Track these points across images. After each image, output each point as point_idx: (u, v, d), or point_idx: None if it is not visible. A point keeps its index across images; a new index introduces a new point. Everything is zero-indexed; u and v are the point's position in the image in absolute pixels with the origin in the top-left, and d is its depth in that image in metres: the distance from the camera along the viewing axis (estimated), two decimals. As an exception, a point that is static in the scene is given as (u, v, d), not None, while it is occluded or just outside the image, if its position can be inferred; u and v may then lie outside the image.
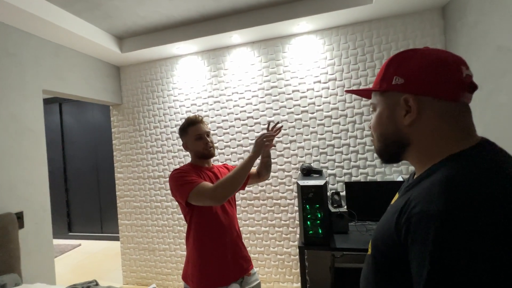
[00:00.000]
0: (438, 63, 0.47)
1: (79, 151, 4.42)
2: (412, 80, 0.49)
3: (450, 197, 0.38)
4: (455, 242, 0.35)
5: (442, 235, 0.36)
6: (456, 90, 0.47)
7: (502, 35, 1.41)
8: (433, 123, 0.48)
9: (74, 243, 4.11)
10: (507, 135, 1.40)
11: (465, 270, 0.34)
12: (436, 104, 0.48)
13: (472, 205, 0.36)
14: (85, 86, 2.34)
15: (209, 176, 1.28)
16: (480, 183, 0.39)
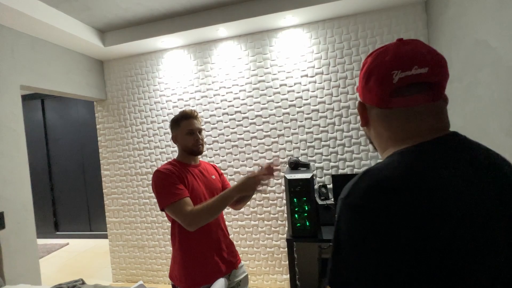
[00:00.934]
0: (369, 72, 0.50)
1: (64, 149, 4.30)
2: (358, 88, 0.55)
3: (352, 188, 0.44)
4: (343, 224, 0.43)
5: (339, 218, 0.44)
6: (382, 97, 0.48)
7: (479, 29, 1.44)
8: (375, 127, 0.53)
9: (62, 242, 4.03)
10: (485, 125, 1.45)
11: (347, 240, 0.42)
12: (375, 110, 0.52)
13: (363, 197, 0.42)
14: (66, 81, 2.26)
15: (193, 174, 1.25)
16: (379, 177, 0.43)
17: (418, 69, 0.46)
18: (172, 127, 1.30)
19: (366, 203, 0.41)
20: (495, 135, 1.38)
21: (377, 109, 0.51)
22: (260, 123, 2.32)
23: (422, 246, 0.37)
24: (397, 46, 0.49)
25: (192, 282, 1.18)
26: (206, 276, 1.20)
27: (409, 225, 0.38)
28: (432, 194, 0.39)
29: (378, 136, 0.53)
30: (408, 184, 0.41)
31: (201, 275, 1.19)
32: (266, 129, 2.31)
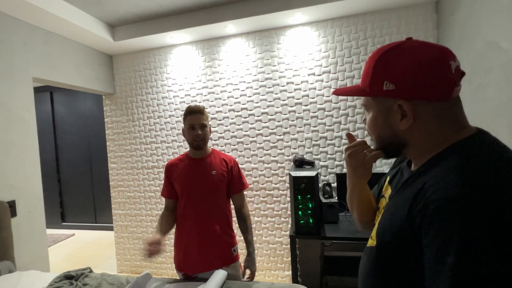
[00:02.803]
0: (426, 64, 0.46)
1: (72, 141, 4.37)
2: (403, 86, 0.48)
3: (470, 182, 0.38)
4: (483, 228, 0.34)
5: (468, 220, 0.35)
6: (447, 89, 0.47)
7: (490, 30, 1.43)
8: (429, 124, 0.49)
9: (68, 233, 4.11)
10: (494, 127, 1.44)
11: (496, 256, 0.33)
12: (430, 106, 0.48)
13: (493, 188, 0.37)
14: (76, 74, 2.30)
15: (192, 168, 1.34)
16: (492, 167, 0.39)
17: (457, 60, 0.48)
18: (183, 121, 1.38)
19: (503, 200, 0.35)
20: (503, 138, 1.36)
21: (436, 104, 0.47)
22: (266, 120, 2.33)
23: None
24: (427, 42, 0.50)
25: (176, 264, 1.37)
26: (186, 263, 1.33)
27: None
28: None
29: (430, 134, 0.49)
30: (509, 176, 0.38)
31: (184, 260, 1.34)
32: (272, 126, 2.32)
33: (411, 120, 0.49)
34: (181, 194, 1.34)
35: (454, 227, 0.36)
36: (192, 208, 1.31)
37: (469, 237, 0.35)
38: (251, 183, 2.38)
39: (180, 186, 1.32)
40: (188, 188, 1.31)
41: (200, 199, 1.31)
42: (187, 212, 1.32)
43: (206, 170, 1.33)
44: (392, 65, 0.49)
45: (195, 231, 1.30)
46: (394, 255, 0.47)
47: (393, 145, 0.54)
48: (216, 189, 1.33)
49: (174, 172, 1.35)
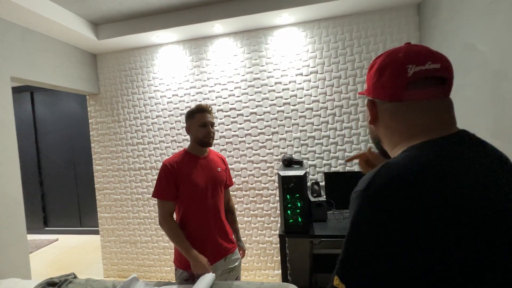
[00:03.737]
0: (381, 68, 0.51)
1: (54, 143, 4.22)
2: (368, 86, 0.55)
3: (372, 179, 0.45)
4: (364, 211, 0.44)
5: (360, 205, 0.44)
6: (397, 91, 0.49)
7: (468, 33, 1.49)
8: (386, 122, 0.53)
9: (51, 238, 3.97)
10: (472, 126, 1.50)
11: (365, 227, 0.43)
12: (386, 106, 0.52)
13: (384, 187, 0.43)
14: (58, 74, 2.22)
15: (199, 166, 1.37)
16: (400, 169, 0.44)
17: (432, 64, 0.48)
18: (187, 119, 1.39)
19: (387, 195, 0.42)
20: (481, 136, 1.44)
21: (390, 104, 0.51)
22: (255, 120, 2.34)
23: (441, 236, 0.38)
24: (409, 45, 0.51)
25: (185, 263, 1.30)
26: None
27: (428, 218, 0.39)
28: (446, 190, 0.40)
29: (389, 132, 0.53)
30: (427, 178, 0.41)
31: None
32: (260, 126, 2.33)
33: (370, 116, 0.56)
34: (192, 192, 1.31)
35: (354, 207, 0.45)
36: (206, 205, 1.35)
37: (356, 216, 0.44)
38: (241, 183, 2.38)
39: (192, 183, 1.31)
40: (201, 186, 1.33)
41: (213, 195, 1.38)
42: (200, 210, 1.34)
43: (214, 167, 1.41)
44: (370, 69, 0.55)
45: (212, 224, 1.36)
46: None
47: (374, 140, 0.60)
48: (222, 184, 1.45)
49: (180, 171, 1.31)
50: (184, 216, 1.34)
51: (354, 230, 0.44)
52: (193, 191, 1.32)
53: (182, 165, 1.33)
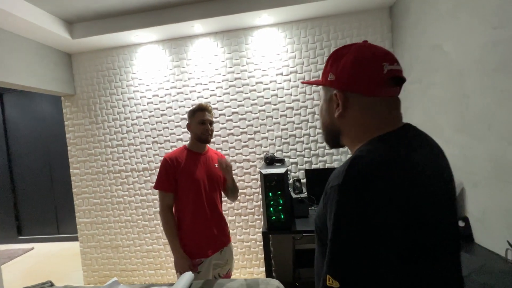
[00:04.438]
0: (359, 62, 0.53)
1: (28, 147, 4.01)
2: (339, 78, 0.55)
3: (347, 173, 0.47)
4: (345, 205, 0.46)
5: (340, 200, 0.46)
6: (374, 86, 0.52)
7: (435, 34, 1.59)
8: (357, 115, 0.55)
9: (26, 247, 3.77)
10: (439, 122, 1.61)
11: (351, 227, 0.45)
12: (359, 99, 0.54)
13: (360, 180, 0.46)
14: (29, 74, 2.12)
15: (198, 161, 1.47)
16: (372, 161, 0.47)
17: (397, 65, 0.53)
18: (188, 117, 1.52)
19: (364, 188, 0.44)
20: (446, 131, 1.54)
21: (364, 98, 0.53)
22: (237, 120, 2.35)
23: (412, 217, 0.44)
24: (370, 44, 0.56)
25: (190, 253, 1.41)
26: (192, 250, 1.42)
27: (398, 202, 0.44)
28: (414, 176, 0.47)
29: (357, 124, 0.55)
30: (394, 167, 0.46)
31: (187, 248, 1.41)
32: (242, 125, 2.34)
33: (341, 109, 0.55)
34: (190, 186, 1.42)
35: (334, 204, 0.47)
36: (203, 199, 1.44)
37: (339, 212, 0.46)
38: (224, 183, 2.38)
39: (189, 178, 1.42)
40: (199, 180, 1.43)
41: (209, 189, 1.47)
42: (197, 203, 1.43)
43: (211, 164, 1.52)
44: (337, 60, 0.56)
45: (205, 219, 1.45)
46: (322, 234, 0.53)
47: (331, 133, 0.61)
48: (219, 179, 1.54)
49: (178, 165, 1.42)
50: (183, 208, 1.44)
51: (339, 227, 0.45)
52: (191, 184, 1.42)
53: (181, 160, 1.44)
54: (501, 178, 1.19)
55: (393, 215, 0.43)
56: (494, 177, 1.23)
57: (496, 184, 1.23)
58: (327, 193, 0.49)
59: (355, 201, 0.44)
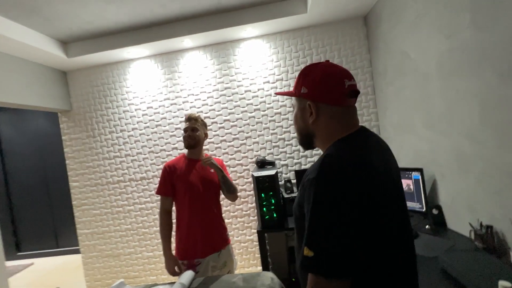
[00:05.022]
0: (327, 78, 0.67)
1: (23, 163, 4.06)
2: (312, 90, 0.68)
3: (321, 168, 0.59)
4: (319, 194, 0.58)
5: (315, 190, 0.58)
6: (339, 98, 0.67)
7: (403, 42, 1.76)
8: (326, 121, 0.69)
9: (25, 263, 3.79)
10: (412, 120, 1.77)
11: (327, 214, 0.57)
12: (327, 108, 0.68)
13: (331, 173, 0.59)
14: (27, 93, 2.22)
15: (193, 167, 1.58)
16: (339, 159, 0.60)
17: (354, 81, 0.69)
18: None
19: (332, 179, 0.57)
20: (418, 128, 1.71)
21: (333, 107, 0.67)
22: (229, 127, 2.48)
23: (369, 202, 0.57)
24: (332, 63, 0.70)
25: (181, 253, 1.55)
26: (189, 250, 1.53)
27: (361, 190, 0.56)
28: (370, 170, 0.60)
29: (326, 128, 0.69)
30: (354, 164, 0.59)
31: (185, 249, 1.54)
32: (234, 132, 2.48)
33: (314, 116, 0.69)
34: (185, 190, 1.54)
35: (311, 193, 0.58)
36: (197, 202, 1.55)
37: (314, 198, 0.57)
38: (219, 187, 2.50)
39: (185, 182, 1.54)
40: (192, 184, 1.54)
41: (204, 193, 1.57)
42: (192, 206, 1.54)
43: (207, 169, 1.62)
44: (308, 76, 0.70)
45: (201, 221, 1.55)
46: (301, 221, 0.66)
47: (306, 136, 0.74)
48: (214, 184, 1.63)
49: (175, 172, 1.56)
50: (180, 211, 1.57)
51: (315, 209, 0.57)
52: (186, 189, 1.54)
53: (178, 167, 1.58)
54: (462, 169, 1.36)
55: (354, 201, 0.56)
56: (457, 168, 1.39)
57: (459, 174, 1.39)
58: (304, 185, 0.62)
59: (326, 190, 0.57)
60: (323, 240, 0.55)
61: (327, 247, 0.55)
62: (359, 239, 0.56)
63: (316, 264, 0.55)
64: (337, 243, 0.54)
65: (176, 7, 2.01)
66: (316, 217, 0.57)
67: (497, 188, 1.16)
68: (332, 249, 0.54)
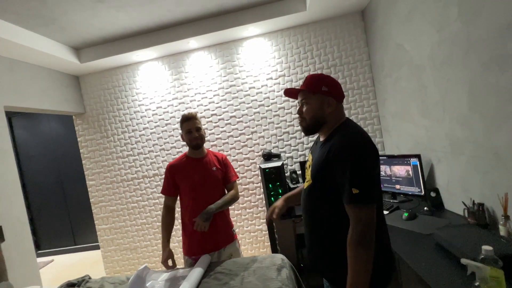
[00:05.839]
0: (339, 85, 1.01)
1: (38, 165, 4.24)
2: (332, 90, 0.98)
3: (354, 139, 0.89)
4: (361, 158, 0.85)
5: (357, 156, 0.85)
6: (342, 98, 1.01)
7: (398, 35, 1.85)
8: (336, 112, 0.99)
9: (46, 260, 3.99)
10: (409, 109, 1.87)
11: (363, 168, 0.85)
12: (337, 104, 0.99)
13: (366, 143, 0.89)
14: (44, 98, 2.36)
15: (194, 166, 1.58)
16: (359, 132, 0.92)
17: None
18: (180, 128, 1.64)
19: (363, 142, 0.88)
20: (415, 116, 1.81)
21: (338, 103, 0.99)
22: (235, 123, 2.60)
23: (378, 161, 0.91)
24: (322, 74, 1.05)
25: (189, 250, 1.58)
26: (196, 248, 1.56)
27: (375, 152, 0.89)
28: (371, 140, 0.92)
29: (335, 117, 0.98)
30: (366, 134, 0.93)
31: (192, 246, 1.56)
32: (240, 128, 2.60)
33: (333, 108, 0.98)
34: (189, 190, 1.55)
35: (347, 159, 0.86)
36: (201, 200, 1.54)
37: (357, 162, 0.85)
38: (228, 180, 2.63)
39: (188, 182, 1.55)
40: (196, 183, 1.54)
41: (207, 191, 1.56)
42: (196, 204, 1.53)
43: (208, 167, 1.60)
44: (325, 79, 1.00)
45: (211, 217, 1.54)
46: (321, 182, 0.94)
47: (318, 122, 0.99)
48: (218, 181, 1.62)
49: (178, 172, 1.57)
50: (185, 210, 1.59)
51: (358, 162, 0.84)
52: (191, 188, 1.55)
53: (181, 166, 1.58)
54: (456, 152, 1.46)
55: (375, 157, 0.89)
56: (451, 152, 1.50)
57: (452, 158, 1.49)
58: (338, 153, 0.87)
59: (362, 151, 0.86)
60: (365, 181, 0.84)
61: (367, 184, 0.84)
62: (378, 180, 0.90)
63: (362, 196, 0.82)
64: (372, 183, 0.85)
65: (182, 11, 2.13)
66: (358, 167, 0.84)
67: (486, 168, 1.26)
68: (369, 185, 0.84)
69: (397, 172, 1.87)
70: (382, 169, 1.97)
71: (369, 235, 0.82)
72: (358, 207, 0.82)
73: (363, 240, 0.81)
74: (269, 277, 1.30)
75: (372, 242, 0.82)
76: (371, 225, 0.82)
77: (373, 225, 0.83)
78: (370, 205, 0.83)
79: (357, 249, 0.81)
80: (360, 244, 0.81)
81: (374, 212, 0.84)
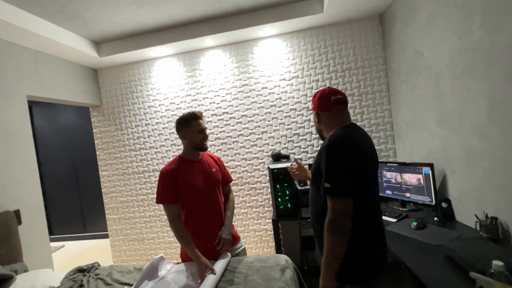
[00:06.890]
0: (321, 97, 1.13)
1: (54, 154, 4.40)
2: (315, 105, 1.15)
3: (329, 139, 1.02)
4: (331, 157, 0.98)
5: (328, 155, 0.99)
6: (327, 107, 1.11)
7: (416, 41, 1.82)
8: (324, 121, 1.14)
9: (58, 245, 4.15)
10: (424, 117, 1.83)
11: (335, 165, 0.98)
12: (323, 114, 1.13)
13: (338, 143, 0.99)
14: (65, 89, 2.45)
15: (195, 169, 1.47)
16: (341, 137, 1.01)
17: (339, 95, 1.13)
18: (181, 126, 1.46)
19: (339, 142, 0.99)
20: (430, 125, 1.77)
21: (323, 113, 1.13)
22: (246, 122, 2.62)
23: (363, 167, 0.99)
24: (330, 87, 1.15)
25: (185, 255, 1.50)
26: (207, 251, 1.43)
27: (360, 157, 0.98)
28: (362, 145, 1.01)
29: (325, 125, 1.14)
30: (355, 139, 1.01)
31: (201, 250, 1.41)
32: (251, 127, 2.61)
33: (317, 120, 1.17)
34: (193, 194, 1.42)
35: (324, 152, 1.00)
36: (207, 203, 1.46)
37: (328, 160, 0.98)
38: (236, 179, 2.66)
39: (191, 186, 1.42)
40: (197, 188, 1.43)
41: (211, 194, 1.49)
42: (202, 208, 1.45)
43: (208, 169, 1.51)
44: (314, 97, 1.18)
45: (211, 222, 1.47)
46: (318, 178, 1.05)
47: (319, 132, 1.21)
48: (218, 183, 1.54)
49: (178, 176, 1.41)
50: (188, 216, 1.46)
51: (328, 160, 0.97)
52: (192, 193, 1.42)
53: (179, 171, 1.42)
54: (471, 164, 1.42)
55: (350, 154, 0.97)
56: (466, 164, 1.46)
57: (468, 170, 1.45)
58: (321, 151, 1.03)
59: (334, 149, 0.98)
60: (335, 176, 0.96)
61: (337, 179, 0.96)
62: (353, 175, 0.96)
63: (332, 190, 0.95)
64: (342, 177, 0.96)
65: (200, 9, 2.15)
66: (329, 164, 0.97)
67: (503, 182, 1.23)
68: (339, 180, 0.96)
69: (408, 180, 1.83)
70: (392, 176, 1.94)
71: (340, 223, 0.94)
72: (330, 199, 0.96)
73: (334, 227, 0.94)
74: (273, 277, 1.31)
75: (344, 229, 0.93)
76: (342, 214, 0.94)
77: (345, 215, 0.94)
78: (341, 197, 0.94)
79: (328, 233, 0.95)
80: (330, 229, 0.95)
81: (347, 204, 0.94)
